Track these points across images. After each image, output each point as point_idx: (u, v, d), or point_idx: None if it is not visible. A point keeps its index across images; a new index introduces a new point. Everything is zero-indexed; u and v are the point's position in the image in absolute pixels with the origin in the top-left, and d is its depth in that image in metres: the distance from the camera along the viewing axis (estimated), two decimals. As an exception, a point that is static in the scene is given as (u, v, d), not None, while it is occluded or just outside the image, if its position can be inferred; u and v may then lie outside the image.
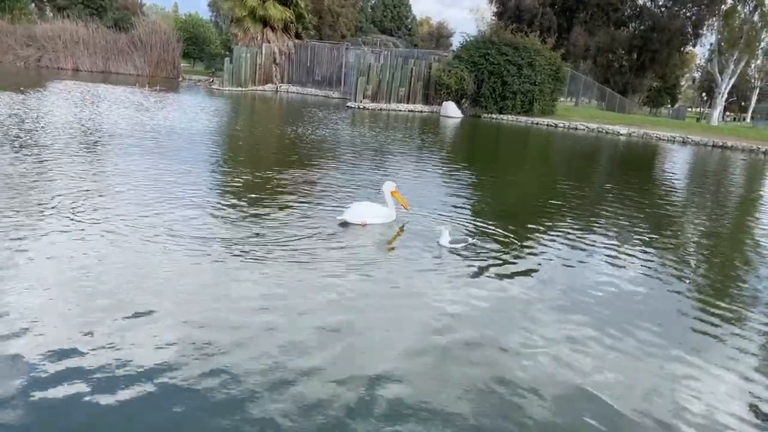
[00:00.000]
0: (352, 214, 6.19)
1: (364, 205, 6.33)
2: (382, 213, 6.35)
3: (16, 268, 4.28)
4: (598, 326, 4.13)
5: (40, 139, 9.84)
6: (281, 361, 3.29)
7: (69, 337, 3.37)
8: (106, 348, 3.27)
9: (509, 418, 2.96)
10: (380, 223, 6.29)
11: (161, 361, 3.19)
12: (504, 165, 14.06)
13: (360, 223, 6.18)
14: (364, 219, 6.20)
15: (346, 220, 6.15)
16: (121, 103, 18.20)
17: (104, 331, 3.45)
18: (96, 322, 3.56)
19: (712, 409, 3.20)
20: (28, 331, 3.38)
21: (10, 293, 3.84)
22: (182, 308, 3.87)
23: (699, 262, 6.22)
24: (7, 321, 3.48)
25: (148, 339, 3.42)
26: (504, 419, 2.95)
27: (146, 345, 3.35)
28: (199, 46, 60.46)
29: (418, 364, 3.42)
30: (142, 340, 3.40)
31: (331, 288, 4.41)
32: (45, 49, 38.87)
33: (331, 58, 36.89)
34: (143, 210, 6.02)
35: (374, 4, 63.67)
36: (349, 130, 17.70)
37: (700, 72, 69.28)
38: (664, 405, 3.20)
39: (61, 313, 3.66)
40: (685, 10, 44.02)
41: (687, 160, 18.57)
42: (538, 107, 27.92)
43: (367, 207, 6.31)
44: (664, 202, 10.11)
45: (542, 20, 43.50)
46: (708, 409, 3.21)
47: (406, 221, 6.58)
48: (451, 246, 5.54)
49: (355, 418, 2.83)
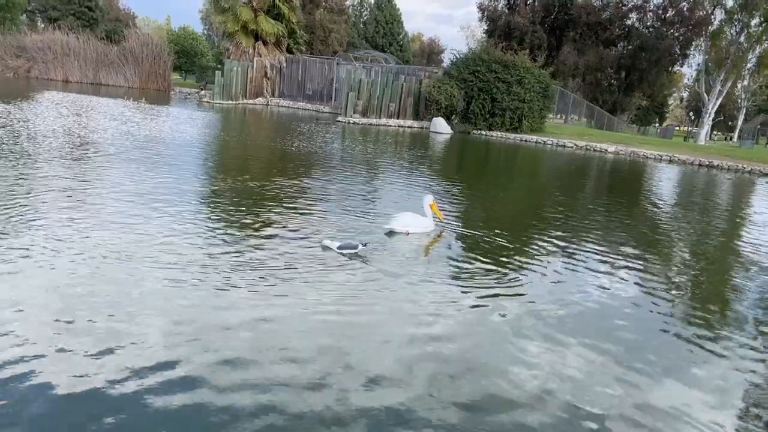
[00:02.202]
0: (398, 223, 6.72)
1: (409, 216, 6.84)
2: (423, 223, 6.91)
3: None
4: (585, 343, 4.12)
5: (25, 148, 9.76)
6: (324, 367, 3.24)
7: (42, 354, 3.31)
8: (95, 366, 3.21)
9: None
10: (420, 233, 6.82)
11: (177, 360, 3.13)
12: (492, 181, 14.09)
13: (404, 232, 6.67)
14: (407, 228, 6.73)
15: (392, 229, 6.67)
16: (105, 114, 18.13)
17: (89, 349, 3.40)
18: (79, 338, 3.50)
19: (699, 425, 3.19)
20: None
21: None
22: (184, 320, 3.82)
23: (685, 280, 6.23)
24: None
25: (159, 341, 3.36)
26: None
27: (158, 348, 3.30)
28: (191, 59, 60.59)
29: (409, 377, 3.39)
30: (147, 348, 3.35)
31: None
32: (35, 60, 38.77)
33: (322, 72, 37.02)
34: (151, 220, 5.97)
35: (367, 21, 64.00)
36: (339, 144, 17.71)
37: (687, 91, 70.21)
38: (653, 422, 3.18)
39: (36, 329, 3.60)
40: (673, 30, 44.57)
41: (673, 178, 18.70)
42: (527, 124, 28.08)
43: (411, 217, 6.83)
44: (650, 219, 10.15)
45: (532, 38, 43.92)
46: (695, 424, 3.19)
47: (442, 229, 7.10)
48: (341, 251, 5.61)
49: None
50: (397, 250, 6.12)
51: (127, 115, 18.34)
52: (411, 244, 6.43)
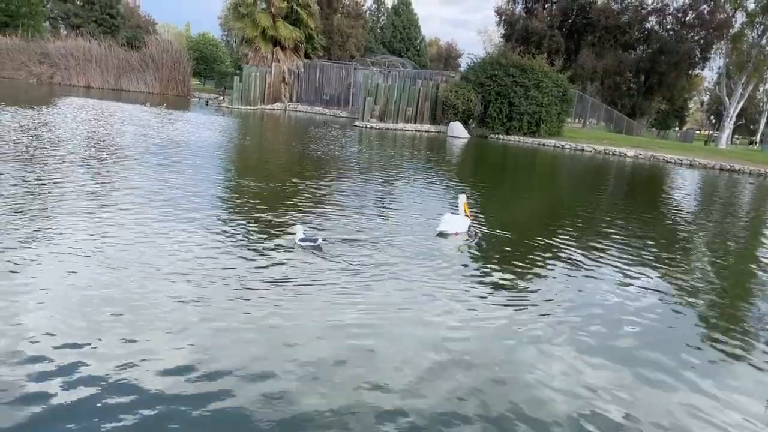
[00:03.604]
0: (448, 226, 6.91)
1: (455, 218, 7.06)
2: (464, 223, 7.13)
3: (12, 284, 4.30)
4: (606, 349, 4.11)
5: (50, 152, 9.93)
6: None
7: (69, 356, 3.37)
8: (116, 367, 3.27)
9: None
10: (462, 232, 7.07)
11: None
12: (511, 184, 14.04)
13: (453, 233, 6.90)
14: (456, 229, 6.95)
15: (443, 232, 6.87)
16: (127, 119, 18.37)
17: (111, 353, 3.46)
18: (102, 343, 3.57)
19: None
20: (22, 353, 3.39)
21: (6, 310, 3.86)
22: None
23: (706, 285, 6.16)
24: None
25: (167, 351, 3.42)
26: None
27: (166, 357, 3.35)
28: (210, 64, 61.18)
29: (425, 385, 3.40)
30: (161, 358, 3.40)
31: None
32: (58, 66, 39.39)
33: (339, 77, 37.20)
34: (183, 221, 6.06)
35: (384, 25, 64.22)
36: (357, 148, 17.77)
37: (708, 95, 69.37)
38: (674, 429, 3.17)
39: (63, 329, 3.67)
40: (693, 33, 44.12)
41: (694, 183, 18.49)
42: (545, 128, 27.97)
43: (455, 218, 7.06)
44: (671, 225, 10.05)
45: (550, 42, 43.73)
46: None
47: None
48: (301, 243, 5.72)
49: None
50: (419, 253, 6.09)
51: (147, 120, 18.56)
52: (435, 247, 6.40)
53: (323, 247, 5.80)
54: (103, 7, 49.88)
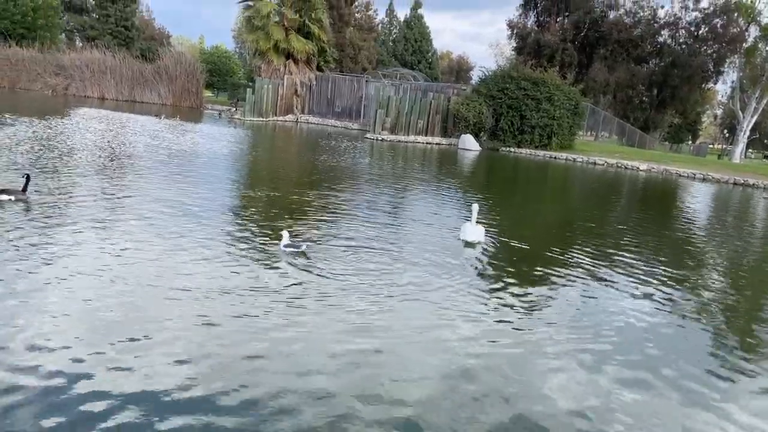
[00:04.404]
0: (472, 235, 7.21)
1: (476, 227, 7.30)
2: (482, 232, 7.35)
3: (26, 294, 4.31)
4: (620, 363, 4.05)
5: (65, 162, 10.01)
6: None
7: (81, 359, 3.36)
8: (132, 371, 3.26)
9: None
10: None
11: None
12: (523, 197, 13.98)
13: (476, 241, 7.15)
14: (479, 238, 7.20)
15: (468, 240, 7.15)
16: (142, 131, 18.51)
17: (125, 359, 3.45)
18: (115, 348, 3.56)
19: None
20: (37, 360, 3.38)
21: (21, 315, 3.86)
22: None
23: (721, 301, 6.07)
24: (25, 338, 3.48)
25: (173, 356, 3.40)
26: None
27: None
28: (223, 76, 61.66)
29: (437, 401, 3.36)
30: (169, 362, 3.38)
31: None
32: (73, 78, 39.80)
33: (351, 90, 37.36)
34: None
35: (396, 38, 64.46)
36: (368, 160, 17.79)
37: (721, 109, 68.97)
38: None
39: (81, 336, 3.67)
40: (706, 47, 43.94)
41: (707, 197, 18.33)
42: (557, 141, 27.88)
43: (477, 228, 7.30)
44: (684, 240, 9.95)
45: (563, 56, 43.70)
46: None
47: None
48: (286, 249, 5.88)
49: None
50: (428, 263, 6.06)
51: (162, 132, 18.69)
52: (449, 259, 6.36)
53: (307, 253, 5.94)
54: (118, 20, 50.43)
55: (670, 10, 45.43)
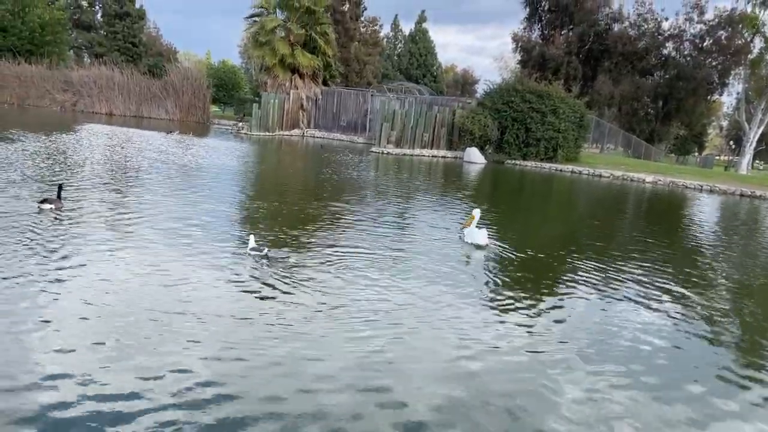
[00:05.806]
0: (482, 239, 7.54)
1: (479, 231, 7.66)
2: (484, 235, 7.66)
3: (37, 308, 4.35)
4: (626, 377, 4.04)
5: (74, 176, 10.10)
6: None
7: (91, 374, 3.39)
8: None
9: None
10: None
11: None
12: (528, 209, 13.98)
13: (485, 244, 7.53)
14: (486, 240, 7.55)
15: (479, 244, 7.52)
16: (155, 147, 18.65)
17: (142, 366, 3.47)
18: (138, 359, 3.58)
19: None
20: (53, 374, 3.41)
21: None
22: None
23: (727, 313, 6.04)
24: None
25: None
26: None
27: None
28: (229, 91, 62.05)
29: (443, 412, 3.36)
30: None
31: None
32: (81, 94, 40.16)
33: (356, 104, 37.56)
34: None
35: (401, 53, 64.85)
36: (374, 173, 17.85)
37: (727, 120, 68.88)
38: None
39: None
40: (711, 59, 43.95)
41: (713, 209, 18.27)
42: (562, 154, 27.88)
43: (480, 231, 7.67)
44: (690, 252, 9.92)
45: (568, 69, 43.82)
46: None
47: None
48: (252, 252, 6.23)
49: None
50: (433, 271, 6.07)
51: (171, 147, 18.82)
52: (455, 268, 6.36)
53: (270, 255, 6.26)
54: (125, 36, 50.99)
55: (675, 23, 45.51)
